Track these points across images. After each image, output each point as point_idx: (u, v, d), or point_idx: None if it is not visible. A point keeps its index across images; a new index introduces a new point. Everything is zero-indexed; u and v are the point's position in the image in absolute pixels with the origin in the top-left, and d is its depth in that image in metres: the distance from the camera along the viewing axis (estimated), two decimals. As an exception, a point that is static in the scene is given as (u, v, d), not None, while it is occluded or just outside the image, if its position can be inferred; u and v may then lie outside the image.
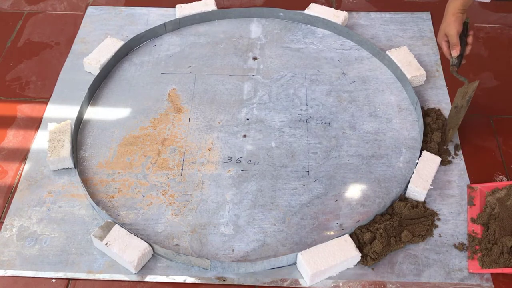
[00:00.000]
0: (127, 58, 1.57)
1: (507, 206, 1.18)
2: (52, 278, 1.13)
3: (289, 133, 1.37)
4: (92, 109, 1.43)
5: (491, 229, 1.15)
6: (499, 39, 1.63)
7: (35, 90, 1.50)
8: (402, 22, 1.66)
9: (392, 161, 1.32)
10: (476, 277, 1.12)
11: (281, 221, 1.21)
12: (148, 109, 1.43)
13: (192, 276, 1.13)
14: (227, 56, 1.57)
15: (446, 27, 1.30)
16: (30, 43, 1.63)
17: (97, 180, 1.28)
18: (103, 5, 1.73)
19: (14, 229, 1.20)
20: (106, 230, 1.15)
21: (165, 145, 1.35)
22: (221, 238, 1.18)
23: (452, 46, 1.30)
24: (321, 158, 1.32)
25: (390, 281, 1.12)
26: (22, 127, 1.40)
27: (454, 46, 1.30)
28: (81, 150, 1.34)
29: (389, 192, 1.26)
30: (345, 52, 1.57)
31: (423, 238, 1.17)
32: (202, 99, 1.46)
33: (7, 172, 1.31)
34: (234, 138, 1.37)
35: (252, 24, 1.66)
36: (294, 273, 1.13)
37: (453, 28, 1.28)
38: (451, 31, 1.29)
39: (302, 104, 1.44)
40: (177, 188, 1.27)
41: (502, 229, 1.14)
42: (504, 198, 1.19)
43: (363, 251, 1.14)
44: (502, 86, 1.50)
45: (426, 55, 1.55)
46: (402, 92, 1.46)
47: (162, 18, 1.67)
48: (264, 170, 1.30)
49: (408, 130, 1.38)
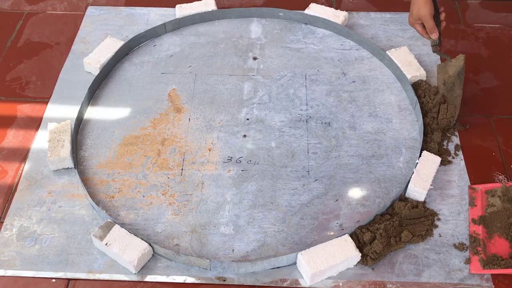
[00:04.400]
0: (127, 58, 1.57)
1: (506, 206, 1.18)
2: (52, 278, 1.13)
3: (289, 133, 1.37)
4: (92, 109, 1.43)
5: (491, 230, 1.16)
6: (499, 39, 1.63)
7: (35, 90, 1.50)
8: (402, 22, 1.66)
9: (392, 161, 1.32)
10: (476, 277, 1.12)
11: (281, 221, 1.21)
12: (148, 109, 1.43)
13: (192, 276, 1.13)
14: (227, 56, 1.57)
15: (418, 11, 1.28)
16: (30, 43, 1.63)
17: (97, 180, 1.28)
18: (103, 5, 1.73)
19: (14, 229, 1.20)
20: (106, 230, 1.15)
21: (165, 145, 1.35)
22: (221, 238, 1.18)
23: (429, 30, 1.29)
24: (321, 158, 1.32)
25: (390, 281, 1.12)
26: (22, 127, 1.40)
27: (432, 30, 1.28)
28: (81, 150, 1.34)
29: (389, 192, 1.26)
30: (345, 52, 1.57)
31: (423, 238, 1.17)
32: (202, 99, 1.46)
33: (7, 172, 1.31)
34: (234, 138, 1.37)
35: (252, 24, 1.66)
36: (294, 273, 1.13)
37: (426, 11, 1.26)
38: (424, 15, 1.27)
39: (302, 104, 1.44)
40: (177, 188, 1.27)
41: (498, 228, 1.15)
42: (503, 198, 1.20)
43: (363, 251, 1.14)
44: (502, 86, 1.50)
45: (426, 55, 1.55)
46: (402, 92, 1.46)
47: (162, 18, 1.67)
48: (264, 170, 1.30)
49: (408, 130, 1.38)
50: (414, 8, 1.29)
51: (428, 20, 1.27)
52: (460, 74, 1.28)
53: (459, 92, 1.30)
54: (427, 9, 1.26)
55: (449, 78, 1.31)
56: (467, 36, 1.63)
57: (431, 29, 1.28)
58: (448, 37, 1.62)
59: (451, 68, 1.30)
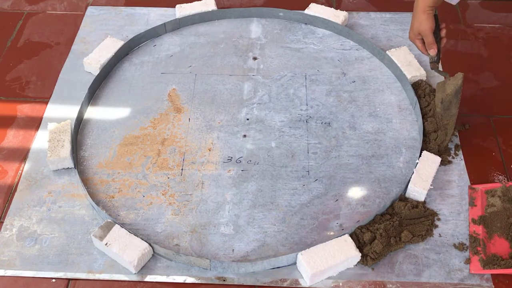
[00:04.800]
0: (127, 58, 1.57)
1: (506, 206, 1.18)
2: (52, 278, 1.13)
3: (289, 133, 1.37)
4: (92, 109, 1.43)
5: (491, 230, 1.16)
6: (499, 39, 1.63)
7: (35, 90, 1.50)
8: (402, 22, 1.66)
9: (392, 161, 1.32)
10: (476, 277, 1.12)
11: (281, 221, 1.21)
12: (148, 109, 1.43)
13: (192, 276, 1.13)
14: (227, 56, 1.57)
15: (419, 26, 1.27)
16: (30, 43, 1.63)
17: (97, 180, 1.28)
18: (103, 5, 1.73)
19: (14, 229, 1.20)
20: (106, 230, 1.15)
21: (165, 145, 1.35)
22: (221, 238, 1.18)
23: (428, 46, 1.29)
24: (321, 158, 1.32)
25: (390, 281, 1.12)
26: (22, 127, 1.40)
27: (430, 45, 1.28)
28: (81, 150, 1.34)
29: (389, 192, 1.26)
30: (345, 52, 1.57)
31: (423, 238, 1.17)
32: (202, 99, 1.46)
33: (7, 172, 1.31)
34: (234, 138, 1.37)
35: (252, 24, 1.66)
36: (294, 273, 1.13)
37: (426, 26, 1.26)
38: (424, 30, 1.26)
39: (302, 104, 1.44)
40: (177, 188, 1.27)
41: (498, 228, 1.15)
42: (503, 198, 1.20)
43: (363, 251, 1.14)
44: (502, 86, 1.50)
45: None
46: (402, 92, 1.46)
47: (162, 18, 1.67)
48: (264, 170, 1.30)
49: (408, 130, 1.38)
50: (414, 23, 1.29)
51: (428, 34, 1.26)
52: (458, 93, 1.26)
53: (455, 112, 1.28)
54: (428, 24, 1.25)
55: (446, 97, 1.28)
56: (467, 36, 1.63)
57: (430, 45, 1.27)
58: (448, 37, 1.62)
59: (449, 86, 1.28)
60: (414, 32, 1.30)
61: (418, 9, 1.27)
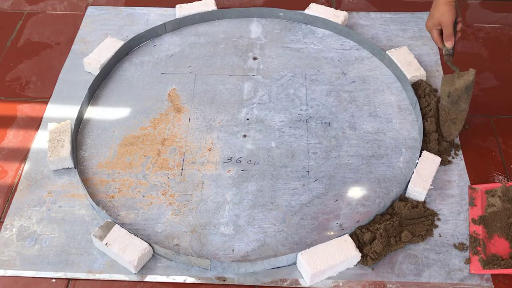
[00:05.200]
0: (127, 58, 1.57)
1: (506, 206, 1.18)
2: (52, 278, 1.13)
3: (289, 133, 1.37)
4: (92, 109, 1.43)
5: (491, 230, 1.16)
6: (499, 39, 1.63)
7: (35, 90, 1.50)
8: (402, 22, 1.66)
9: (392, 161, 1.32)
10: (476, 277, 1.12)
11: (281, 221, 1.21)
12: (148, 109, 1.43)
13: (192, 276, 1.13)
14: (227, 56, 1.57)
15: (440, 17, 1.26)
16: (30, 43, 1.63)
17: (97, 180, 1.28)
18: (103, 5, 1.73)
19: (14, 229, 1.20)
20: (106, 230, 1.15)
21: (165, 145, 1.35)
22: (221, 238, 1.18)
23: (446, 37, 1.27)
24: (321, 158, 1.32)
25: (390, 281, 1.12)
26: (22, 127, 1.40)
27: (449, 37, 1.27)
28: (81, 150, 1.34)
29: (389, 192, 1.26)
30: (345, 52, 1.57)
31: (423, 238, 1.17)
32: (202, 99, 1.46)
33: (7, 172, 1.31)
34: (234, 138, 1.37)
35: (252, 24, 1.66)
36: (294, 273, 1.13)
37: (448, 18, 1.25)
38: (446, 21, 1.26)
39: (302, 104, 1.44)
40: (177, 188, 1.27)
41: (498, 228, 1.15)
42: (503, 198, 1.20)
43: (363, 251, 1.14)
44: (502, 86, 1.50)
45: (426, 55, 1.55)
46: (402, 92, 1.46)
47: (162, 18, 1.67)
48: (264, 170, 1.30)
49: (408, 130, 1.38)
50: (435, 13, 1.27)
51: (449, 26, 1.26)
52: (469, 89, 1.26)
53: (464, 107, 1.28)
54: (450, 16, 1.25)
55: (455, 91, 1.28)
56: (467, 36, 1.63)
57: (448, 36, 1.26)
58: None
59: (459, 81, 1.28)
60: (434, 22, 1.29)
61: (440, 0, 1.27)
